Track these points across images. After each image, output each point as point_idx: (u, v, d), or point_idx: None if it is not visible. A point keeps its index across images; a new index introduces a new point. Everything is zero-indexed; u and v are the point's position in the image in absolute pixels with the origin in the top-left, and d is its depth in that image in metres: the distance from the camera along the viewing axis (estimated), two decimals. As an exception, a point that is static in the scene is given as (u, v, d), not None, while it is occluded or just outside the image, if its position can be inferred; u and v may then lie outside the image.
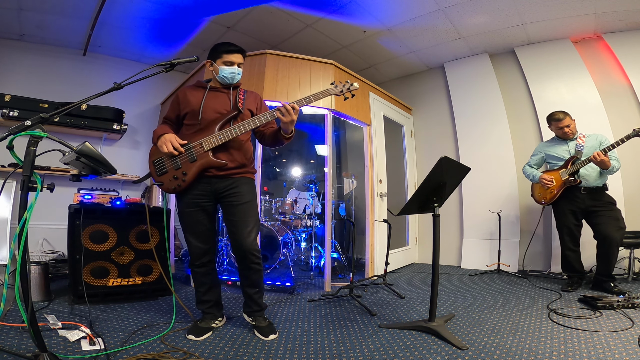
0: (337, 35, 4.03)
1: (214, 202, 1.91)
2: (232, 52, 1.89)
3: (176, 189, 1.83)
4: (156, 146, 1.85)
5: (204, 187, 1.85)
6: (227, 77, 1.90)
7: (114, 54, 4.38)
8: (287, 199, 4.05)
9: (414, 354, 1.62)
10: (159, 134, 1.84)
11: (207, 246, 1.92)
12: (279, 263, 3.59)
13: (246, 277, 1.91)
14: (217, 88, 1.94)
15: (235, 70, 1.90)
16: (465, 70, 4.43)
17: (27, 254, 1.24)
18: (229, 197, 1.87)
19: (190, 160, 1.81)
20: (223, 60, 1.88)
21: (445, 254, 4.31)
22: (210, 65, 1.93)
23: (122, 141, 4.36)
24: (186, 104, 1.89)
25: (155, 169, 1.86)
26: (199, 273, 1.94)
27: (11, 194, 2.97)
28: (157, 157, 1.86)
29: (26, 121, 1.26)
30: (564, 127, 2.89)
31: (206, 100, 1.88)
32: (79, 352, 1.57)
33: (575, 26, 3.64)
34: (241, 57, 1.92)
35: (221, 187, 1.86)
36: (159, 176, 1.85)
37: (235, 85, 1.96)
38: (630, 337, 1.73)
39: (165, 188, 1.85)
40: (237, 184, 1.88)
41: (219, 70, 1.89)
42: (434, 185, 1.93)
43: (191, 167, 1.80)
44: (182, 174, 1.80)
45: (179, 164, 1.81)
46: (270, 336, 1.83)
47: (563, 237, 2.94)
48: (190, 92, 1.93)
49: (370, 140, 3.70)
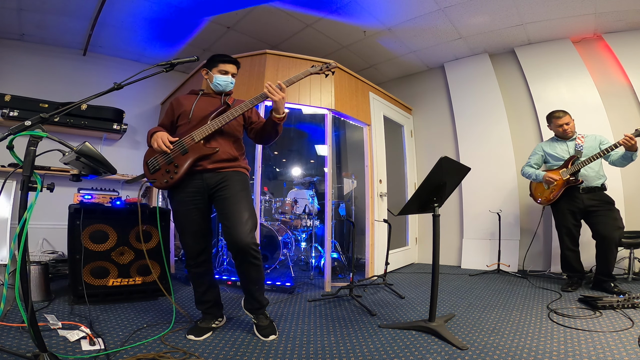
0: (337, 35, 4.03)
1: (207, 200, 1.91)
2: (227, 62, 1.99)
3: (168, 181, 1.83)
4: (150, 146, 1.89)
5: (196, 184, 1.86)
6: (221, 85, 1.98)
7: (114, 54, 4.38)
8: (287, 199, 4.05)
9: (414, 354, 1.62)
10: (151, 133, 1.89)
11: (202, 246, 1.92)
12: (279, 263, 3.59)
13: (245, 274, 1.83)
14: (210, 94, 2.03)
15: (229, 79, 1.99)
16: (465, 70, 4.43)
17: (27, 254, 1.24)
18: (220, 190, 1.86)
19: (182, 152, 1.83)
20: (219, 69, 1.98)
21: (445, 254, 4.31)
22: (205, 73, 2.02)
23: (122, 141, 4.36)
24: (179, 107, 1.97)
25: (149, 168, 1.89)
26: (196, 273, 1.94)
27: (11, 194, 2.97)
28: (150, 157, 1.90)
29: (26, 121, 1.26)
30: (564, 125, 2.90)
31: (198, 103, 1.96)
32: (79, 352, 1.57)
33: (575, 26, 3.64)
34: (235, 68, 2.02)
35: (212, 183, 1.86)
36: (151, 174, 1.88)
37: (227, 93, 2.03)
38: (630, 337, 1.73)
39: (158, 184, 1.86)
40: (227, 177, 1.89)
41: (213, 78, 1.98)
42: (434, 185, 1.93)
43: (183, 160, 1.83)
44: (174, 166, 1.83)
45: (172, 159, 1.84)
46: (270, 337, 1.82)
47: (562, 237, 2.94)
48: (184, 97, 2.03)
49: (370, 140, 3.70)
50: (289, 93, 3.14)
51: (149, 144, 1.89)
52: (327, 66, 1.99)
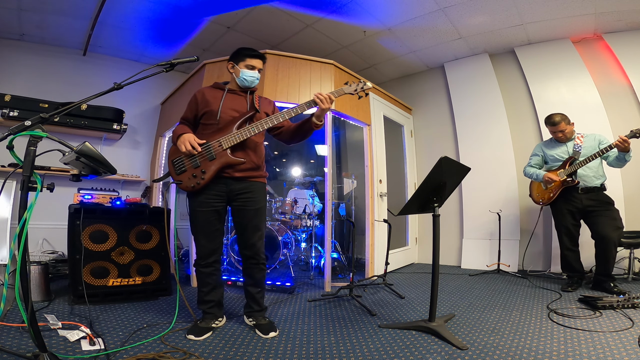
0: (337, 35, 4.04)
1: (226, 204, 1.95)
2: (254, 56, 1.96)
3: (195, 187, 1.84)
4: (176, 146, 1.88)
5: (220, 188, 1.89)
6: (247, 80, 1.95)
7: (114, 54, 4.38)
8: (287, 199, 4.04)
9: (414, 354, 1.62)
10: (178, 134, 1.87)
11: (215, 246, 1.94)
12: (279, 263, 3.59)
13: (251, 276, 1.99)
14: (235, 91, 2.00)
15: (255, 74, 1.97)
16: (465, 70, 4.43)
17: (27, 254, 1.24)
18: (243, 200, 1.92)
19: (209, 158, 1.84)
20: (245, 63, 1.94)
21: (445, 254, 4.31)
22: (231, 67, 1.98)
23: (122, 141, 4.36)
24: (205, 104, 1.93)
25: (174, 168, 1.88)
26: (204, 273, 1.94)
27: (11, 194, 2.97)
28: (176, 156, 1.89)
29: (26, 121, 1.26)
30: (558, 132, 2.89)
31: (225, 101, 1.93)
32: (79, 352, 1.57)
33: (575, 26, 3.64)
34: (261, 63, 1.99)
35: (236, 190, 1.90)
36: (177, 175, 1.87)
37: (252, 89, 2.02)
38: (630, 337, 1.73)
39: (184, 186, 1.86)
40: (252, 188, 1.94)
41: (240, 72, 1.95)
42: (434, 185, 1.93)
43: (210, 166, 1.84)
44: (201, 172, 1.83)
45: (198, 163, 1.84)
46: (270, 334, 1.85)
47: (562, 237, 2.94)
48: (209, 92, 1.98)
49: (370, 140, 3.70)
50: (290, 93, 3.16)
51: (175, 143, 1.89)
52: (362, 87, 1.96)
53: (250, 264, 1.98)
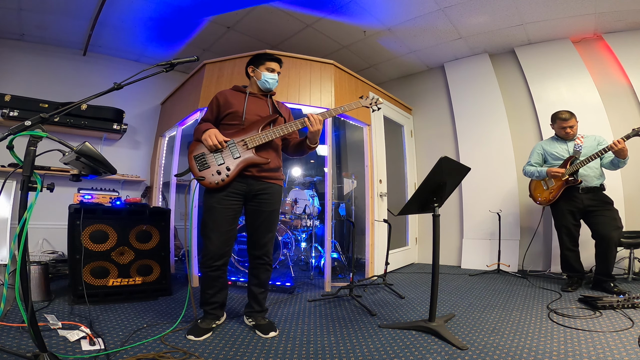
0: (337, 35, 4.03)
1: (242, 203, 1.96)
2: (274, 60, 2.05)
3: (219, 183, 1.84)
4: (198, 142, 1.89)
5: (240, 187, 1.90)
6: (269, 82, 2.03)
7: (114, 54, 4.38)
8: (287, 199, 4.04)
9: (414, 354, 1.62)
10: (203, 129, 1.88)
11: (225, 249, 1.90)
12: (279, 263, 3.58)
13: (256, 276, 2.01)
14: (256, 94, 2.06)
15: (275, 76, 2.05)
16: (465, 70, 4.43)
17: (27, 254, 1.24)
18: (259, 200, 1.95)
19: (234, 156, 1.86)
20: (266, 66, 2.02)
21: (445, 254, 4.31)
22: (252, 71, 2.06)
23: (122, 141, 4.36)
24: (228, 106, 1.97)
25: (197, 164, 1.87)
26: (211, 276, 1.90)
27: (11, 194, 2.97)
28: (198, 152, 1.88)
29: (26, 121, 1.26)
30: (567, 127, 2.89)
31: (248, 104, 1.99)
32: (79, 352, 1.57)
33: (575, 26, 3.64)
34: (279, 66, 2.08)
35: (255, 189, 1.93)
36: (200, 171, 1.86)
37: (271, 93, 2.10)
38: (630, 337, 1.73)
39: (207, 183, 1.85)
40: (270, 190, 1.97)
41: (261, 75, 2.02)
42: (434, 185, 1.93)
43: (235, 163, 1.86)
44: (226, 169, 1.85)
45: (222, 160, 1.85)
46: (270, 333, 1.85)
47: (562, 237, 2.94)
48: (231, 94, 2.03)
49: (370, 140, 3.70)
50: (290, 93, 3.16)
51: (199, 138, 1.89)
52: (376, 101, 2.07)
53: (257, 263, 2.00)
